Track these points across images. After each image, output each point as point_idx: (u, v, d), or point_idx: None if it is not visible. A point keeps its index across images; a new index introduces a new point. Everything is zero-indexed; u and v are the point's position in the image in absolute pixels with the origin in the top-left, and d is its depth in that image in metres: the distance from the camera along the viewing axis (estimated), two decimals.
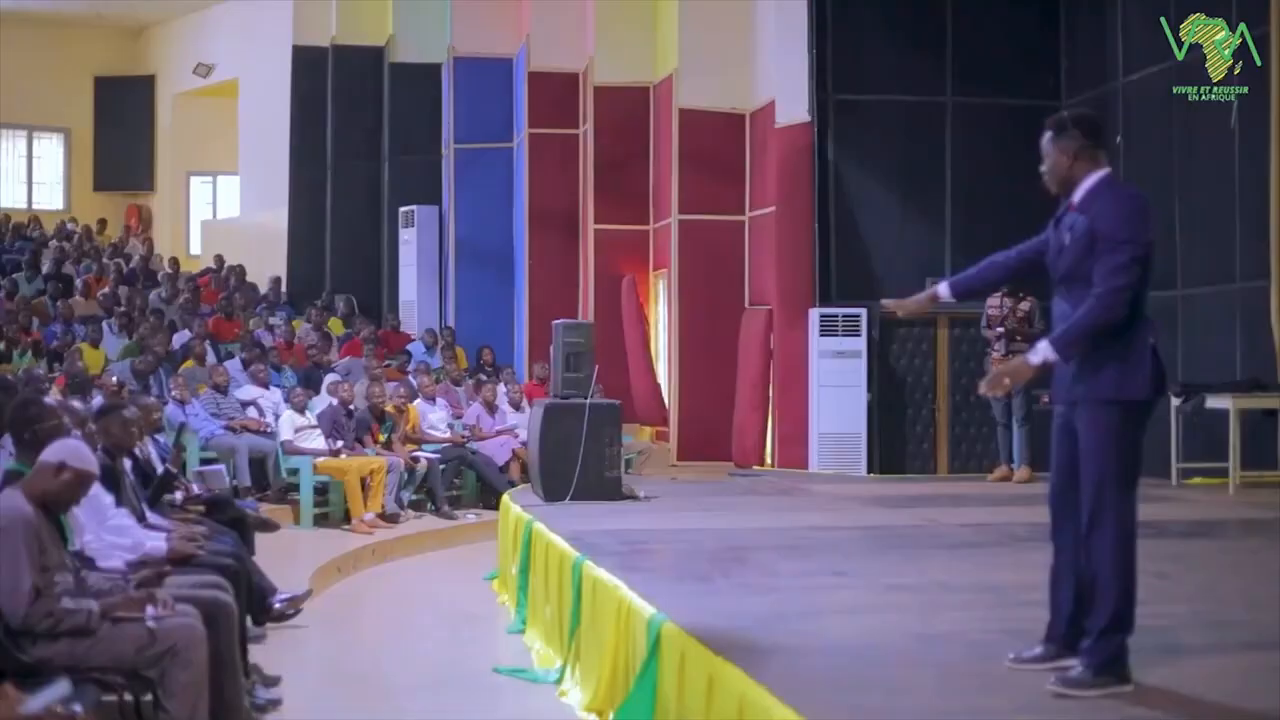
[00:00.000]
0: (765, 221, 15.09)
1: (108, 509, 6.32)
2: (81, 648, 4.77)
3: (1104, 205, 4.29)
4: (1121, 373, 4.24)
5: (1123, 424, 4.25)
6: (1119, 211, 4.27)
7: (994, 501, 10.44)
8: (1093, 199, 4.33)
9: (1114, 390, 4.25)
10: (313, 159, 19.88)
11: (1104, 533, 4.23)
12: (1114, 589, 4.21)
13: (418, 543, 12.08)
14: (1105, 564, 4.23)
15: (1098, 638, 4.22)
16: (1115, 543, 4.22)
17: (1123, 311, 4.21)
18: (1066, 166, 4.38)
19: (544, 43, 17.53)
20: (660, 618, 5.24)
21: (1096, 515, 4.23)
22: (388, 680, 7.30)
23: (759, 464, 14.74)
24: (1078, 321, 4.24)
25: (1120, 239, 4.22)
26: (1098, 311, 4.21)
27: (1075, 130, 4.38)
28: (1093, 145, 4.38)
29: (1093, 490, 4.25)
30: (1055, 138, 4.41)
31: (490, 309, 18.28)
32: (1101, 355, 4.26)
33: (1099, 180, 4.36)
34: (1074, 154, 4.36)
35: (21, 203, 25.78)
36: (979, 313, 12.25)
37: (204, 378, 13.67)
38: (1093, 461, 4.26)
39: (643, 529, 8.53)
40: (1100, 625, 4.22)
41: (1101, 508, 4.23)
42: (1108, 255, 4.21)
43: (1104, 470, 4.24)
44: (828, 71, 14.42)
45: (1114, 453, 4.24)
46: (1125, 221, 4.25)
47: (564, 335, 10.31)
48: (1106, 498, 4.23)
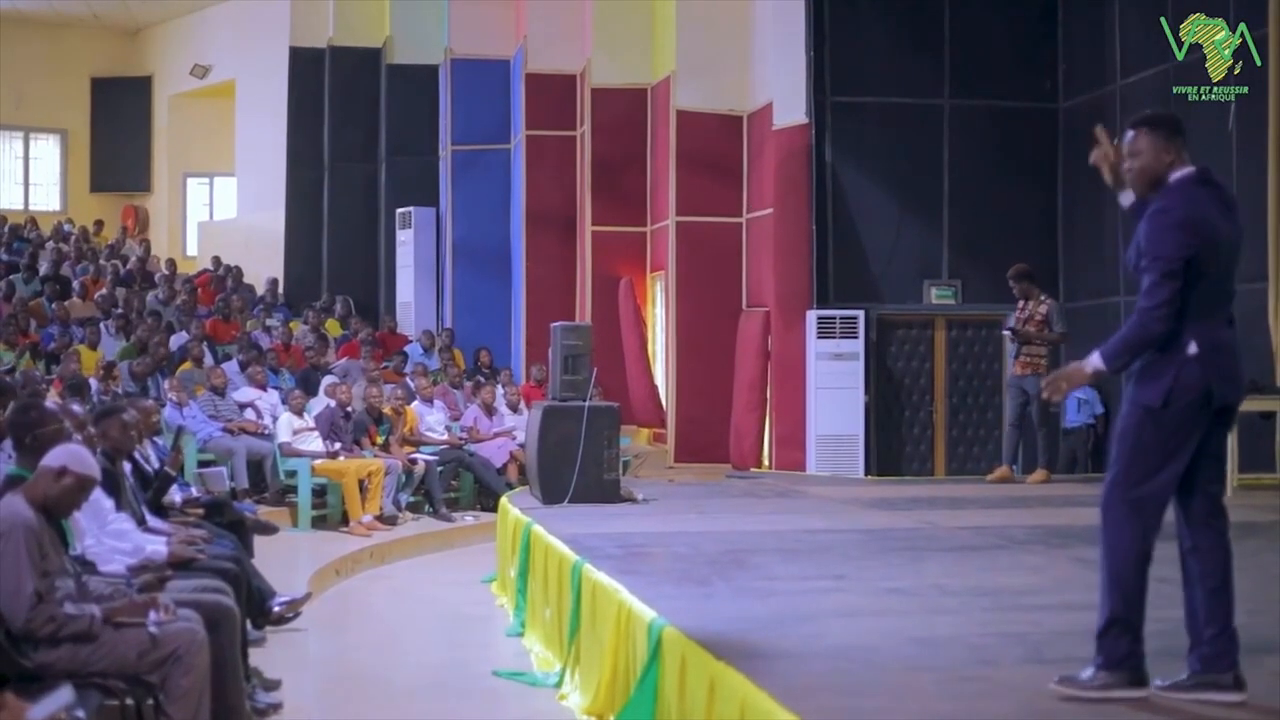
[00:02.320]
0: (763, 223, 15.10)
1: (108, 513, 6.32)
2: (83, 653, 4.77)
3: (1147, 219, 4.28)
4: (1143, 378, 4.27)
5: (1138, 428, 4.25)
6: (1150, 229, 4.25)
7: (992, 504, 10.44)
8: (1156, 204, 4.32)
9: (1135, 393, 4.29)
10: (310, 160, 19.89)
11: (1106, 532, 4.25)
12: (1114, 589, 4.21)
13: (416, 545, 12.10)
14: (1102, 562, 4.25)
15: (1099, 637, 4.22)
16: (1111, 543, 4.23)
17: (1158, 328, 4.20)
18: (1167, 165, 4.32)
19: (541, 44, 17.53)
20: (661, 621, 5.25)
21: (1104, 513, 4.26)
22: (387, 683, 7.30)
23: (756, 466, 14.75)
24: (1120, 335, 4.27)
25: (1153, 255, 4.21)
26: (1135, 329, 4.24)
27: (1171, 128, 4.35)
28: (1181, 144, 4.35)
29: (1104, 488, 4.29)
30: (1155, 134, 4.34)
31: (487, 311, 18.28)
32: (1140, 361, 4.30)
33: (1173, 183, 4.32)
34: (1174, 152, 4.32)
35: (18, 204, 25.77)
36: (978, 314, 12.28)
37: (201, 379, 13.67)
38: (1111, 460, 4.34)
39: (641, 532, 8.52)
40: (1100, 624, 4.23)
41: (1108, 506, 4.26)
42: (1144, 273, 4.23)
43: (1114, 470, 4.28)
44: (825, 73, 14.43)
45: (1124, 454, 4.27)
46: (1154, 239, 4.23)
47: (563, 337, 10.30)
48: (1112, 496, 4.25)
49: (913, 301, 14.50)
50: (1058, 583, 6.59)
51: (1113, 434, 4.45)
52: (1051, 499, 10.62)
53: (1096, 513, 4.30)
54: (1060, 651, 4.92)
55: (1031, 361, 11.90)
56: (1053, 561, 7.31)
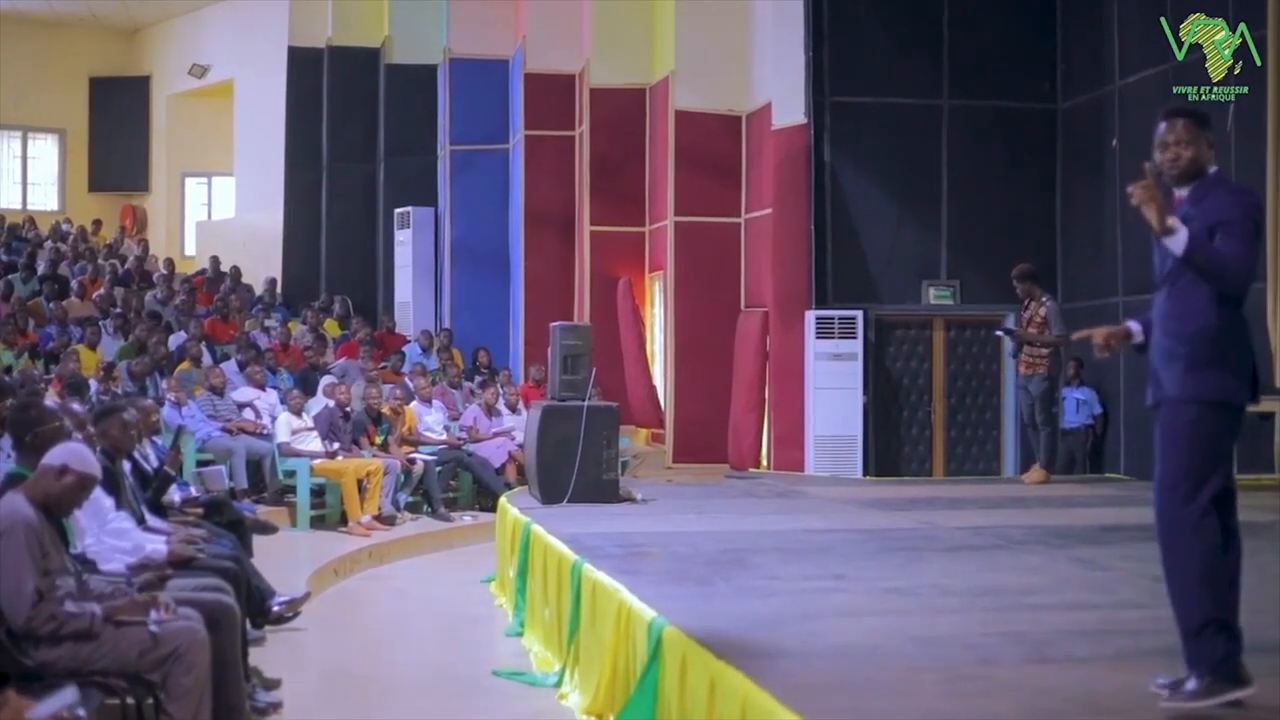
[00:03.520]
0: (761, 223, 15.10)
1: (108, 512, 6.32)
2: (84, 651, 4.77)
3: (1221, 197, 4.20)
4: (1192, 371, 4.17)
5: (1196, 423, 4.17)
6: (1229, 197, 4.19)
7: (991, 504, 10.45)
8: (1207, 191, 4.24)
9: (1186, 389, 4.17)
10: (308, 160, 19.88)
11: (1183, 537, 4.16)
12: (1205, 590, 4.14)
13: (414, 545, 12.09)
14: (1180, 567, 4.17)
15: (1191, 642, 4.13)
16: (1191, 548, 4.16)
17: (1240, 277, 4.12)
18: (1207, 158, 4.28)
19: (540, 44, 17.53)
20: (661, 621, 5.25)
21: (1173, 520, 4.17)
22: (387, 683, 7.30)
23: (755, 466, 14.75)
24: (1214, 250, 4.09)
25: (1244, 214, 4.14)
26: (1223, 260, 4.08)
27: (1209, 124, 4.32)
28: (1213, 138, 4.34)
29: (1166, 492, 4.20)
30: (1200, 128, 4.29)
31: (486, 310, 18.27)
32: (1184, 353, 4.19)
33: (1215, 174, 4.30)
34: (1210, 145, 4.29)
35: (16, 203, 25.76)
36: (977, 314, 12.29)
37: (200, 379, 13.67)
38: (1163, 461, 4.22)
39: (641, 531, 8.53)
40: (1189, 630, 4.15)
41: (1175, 512, 4.17)
42: (1229, 233, 4.10)
43: (1174, 472, 4.19)
44: (824, 74, 14.43)
45: (1184, 452, 4.18)
46: (1238, 204, 4.17)
47: (562, 337, 10.31)
48: (1174, 499, 4.17)
49: (911, 302, 14.50)
50: (1058, 582, 6.59)
51: (1159, 436, 4.25)
52: (1051, 499, 10.63)
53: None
54: (1061, 651, 4.94)
55: (1033, 362, 11.92)
56: (1053, 561, 7.31)
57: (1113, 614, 5.77)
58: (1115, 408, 13.54)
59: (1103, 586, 6.54)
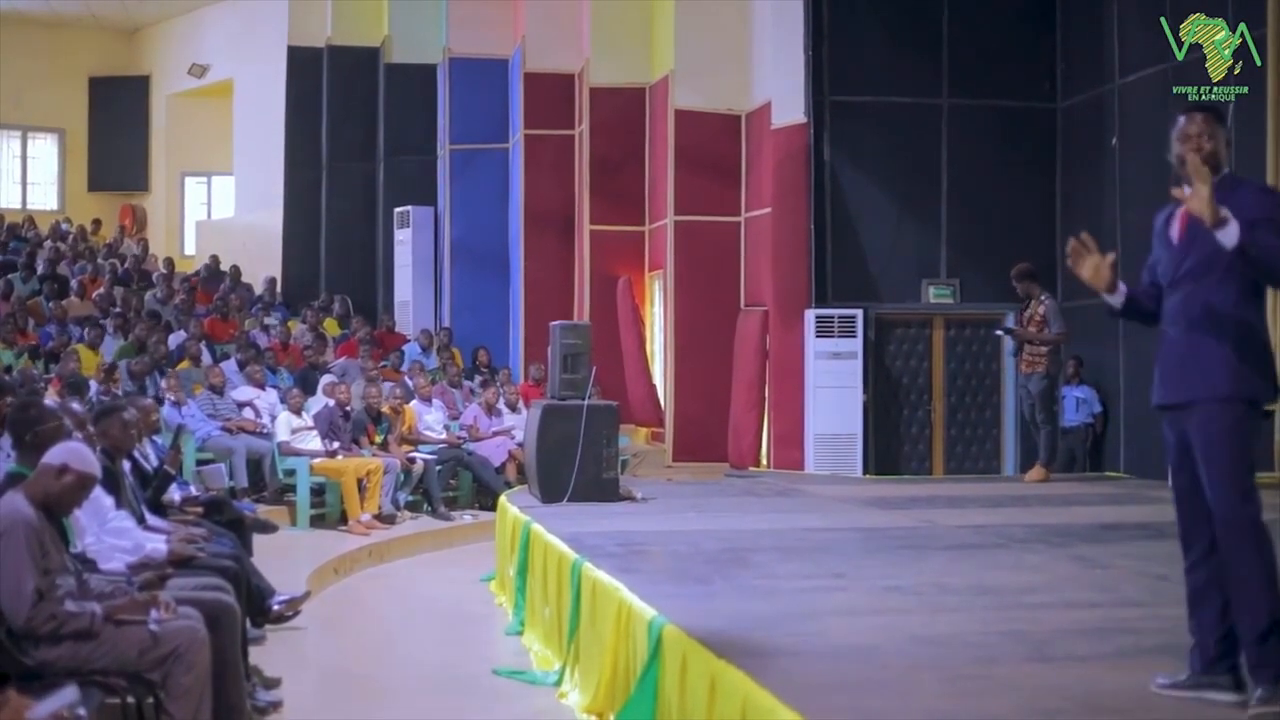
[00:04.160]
0: (761, 223, 15.09)
1: (108, 511, 6.32)
2: (84, 650, 4.77)
3: (1250, 194, 4.16)
4: (1229, 368, 4.13)
5: (1238, 423, 4.12)
6: (1264, 195, 4.18)
7: (992, 503, 10.45)
8: (1232, 189, 4.17)
9: (1227, 389, 4.12)
10: (308, 159, 19.88)
11: (1245, 540, 4.06)
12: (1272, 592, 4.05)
13: (414, 544, 12.10)
14: (1246, 571, 4.06)
15: (1258, 645, 4.03)
16: (1256, 549, 4.06)
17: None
18: (1224, 155, 4.25)
19: (540, 44, 17.53)
20: (661, 620, 5.25)
21: (1238, 522, 4.08)
22: (387, 682, 7.30)
23: (755, 465, 14.74)
24: (1268, 245, 4.02)
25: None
26: (1276, 255, 4.02)
27: (1224, 119, 4.31)
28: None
29: (1224, 495, 4.10)
30: (1220, 124, 4.28)
31: (485, 310, 18.27)
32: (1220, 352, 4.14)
33: (1230, 174, 4.28)
34: (1227, 143, 4.28)
35: (16, 203, 25.76)
36: (977, 313, 12.29)
37: (199, 378, 13.66)
38: (1211, 465, 4.13)
39: (641, 530, 8.53)
40: (1257, 634, 4.04)
41: (1237, 514, 4.08)
42: (1275, 234, 4.04)
43: (1225, 474, 4.12)
44: (824, 73, 14.42)
45: (1230, 454, 4.11)
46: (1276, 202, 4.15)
47: (562, 336, 10.31)
48: (1233, 500, 4.08)
49: (911, 301, 14.50)
50: (1058, 581, 6.60)
51: (1200, 440, 4.15)
52: (1051, 498, 10.63)
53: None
54: (1061, 649, 4.94)
55: (1033, 360, 11.93)
56: (1053, 560, 7.31)
57: (1113, 612, 5.77)
58: (1115, 406, 13.54)
59: (1103, 585, 6.54)
